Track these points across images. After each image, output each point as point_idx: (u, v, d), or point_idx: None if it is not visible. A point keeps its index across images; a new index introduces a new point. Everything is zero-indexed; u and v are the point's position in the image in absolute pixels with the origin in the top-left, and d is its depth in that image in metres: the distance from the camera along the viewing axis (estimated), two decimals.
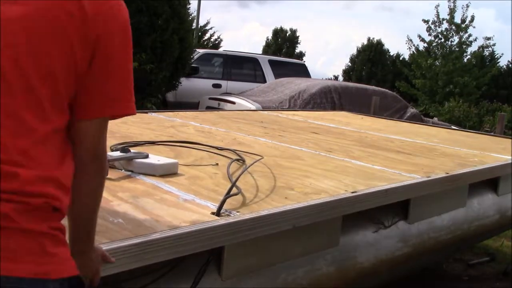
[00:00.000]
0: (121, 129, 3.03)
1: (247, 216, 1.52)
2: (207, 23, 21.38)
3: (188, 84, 8.89)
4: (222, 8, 62.30)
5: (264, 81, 9.63)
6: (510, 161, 3.08)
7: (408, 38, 21.02)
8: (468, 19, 19.63)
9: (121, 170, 1.94)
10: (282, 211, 1.61)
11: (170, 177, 1.91)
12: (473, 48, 20.28)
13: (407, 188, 2.21)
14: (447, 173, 2.49)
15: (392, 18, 62.51)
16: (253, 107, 6.61)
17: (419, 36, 20.30)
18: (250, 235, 1.51)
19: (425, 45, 20.41)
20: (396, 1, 60.26)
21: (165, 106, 8.63)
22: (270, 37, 30.77)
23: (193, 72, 8.96)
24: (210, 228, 1.39)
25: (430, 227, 2.48)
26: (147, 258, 1.26)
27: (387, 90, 8.57)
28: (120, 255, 1.20)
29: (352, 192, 1.92)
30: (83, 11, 0.92)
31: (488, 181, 3.00)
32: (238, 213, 1.54)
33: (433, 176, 2.40)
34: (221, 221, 1.45)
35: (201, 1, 17.55)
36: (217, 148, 2.55)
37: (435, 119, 12.67)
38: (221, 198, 1.59)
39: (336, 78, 28.54)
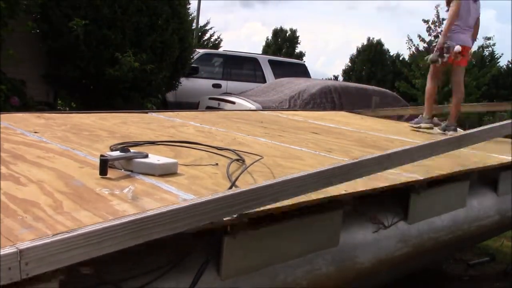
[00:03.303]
0: (121, 129, 3.03)
1: (245, 188, 1.48)
2: (207, 23, 21.41)
3: (188, 84, 8.89)
4: (225, 8, 62.28)
5: (264, 81, 9.63)
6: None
7: (408, 38, 21.05)
8: None
9: (121, 170, 1.94)
10: (281, 181, 1.56)
11: (169, 177, 1.90)
12: (473, 48, 20.30)
13: (409, 152, 2.10)
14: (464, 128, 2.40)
15: (396, 18, 62.42)
16: (253, 107, 6.61)
17: (419, 36, 20.31)
18: (248, 208, 1.47)
19: (425, 45, 20.41)
20: (401, 1, 60.08)
21: (165, 106, 8.63)
22: (270, 37, 30.78)
23: (193, 72, 8.97)
24: (206, 202, 1.35)
25: (430, 227, 2.48)
26: (144, 234, 1.23)
27: (387, 90, 8.56)
28: (118, 233, 1.18)
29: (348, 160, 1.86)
30: None
31: (488, 181, 3.00)
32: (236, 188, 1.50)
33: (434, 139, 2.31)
34: (217, 194, 1.41)
35: (202, 1, 17.56)
36: (216, 148, 2.55)
37: (435, 119, 12.64)
38: None
39: (336, 78, 28.55)
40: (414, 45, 20.86)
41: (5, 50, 5.63)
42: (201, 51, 10.03)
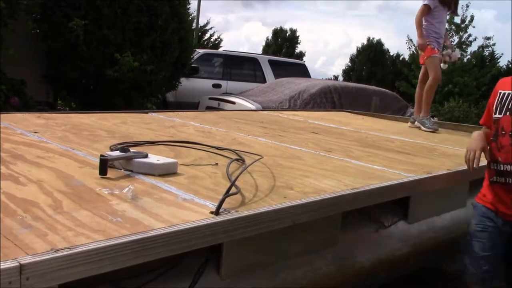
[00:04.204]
0: (121, 129, 3.03)
1: (246, 213, 1.51)
2: (207, 23, 21.41)
3: (188, 84, 8.88)
4: (225, 8, 62.28)
5: (264, 81, 9.62)
6: None
7: (408, 38, 21.06)
8: (468, 19, 19.65)
9: (121, 169, 1.94)
10: (280, 208, 1.61)
11: (169, 177, 1.90)
12: (473, 48, 20.29)
13: (407, 185, 2.21)
14: (448, 169, 2.49)
15: (396, 18, 62.34)
16: (253, 107, 6.61)
17: None
18: (249, 232, 1.50)
19: None
20: (401, 0, 59.94)
21: (165, 106, 8.63)
22: (270, 37, 30.78)
23: (193, 72, 8.96)
24: (208, 225, 1.38)
25: (430, 227, 2.48)
26: (145, 255, 1.25)
27: (387, 90, 8.55)
28: (118, 252, 1.19)
29: (352, 189, 1.92)
30: None
31: None
32: (237, 212, 1.54)
33: (433, 173, 2.40)
34: (219, 218, 1.44)
35: (202, 1, 17.55)
36: (216, 148, 2.55)
37: (435, 119, 12.64)
38: (220, 197, 1.59)
39: (336, 78, 28.53)
40: (414, 45, 20.84)
41: (5, 50, 5.63)
42: (201, 51, 10.01)
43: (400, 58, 25.74)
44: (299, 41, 31.00)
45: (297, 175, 2.14)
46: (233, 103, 7.07)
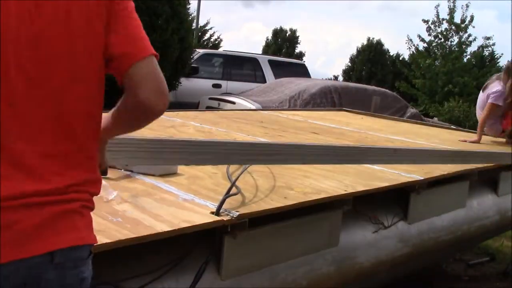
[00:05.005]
0: None
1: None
2: (207, 23, 21.37)
3: (188, 84, 8.87)
4: (225, 7, 62.24)
5: (264, 81, 9.61)
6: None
7: (408, 38, 21.04)
8: (468, 19, 19.65)
9: (121, 170, 1.94)
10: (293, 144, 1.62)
11: (169, 177, 1.90)
12: (473, 48, 20.29)
13: (415, 152, 2.18)
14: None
15: (397, 18, 62.26)
16: (253, 107, 6.60)
17: (419, 36, 20.30)
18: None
19: (425, 45, 20.41)
20: (401, 0, 59.87)
21: None
22: (270, 37, 30.76)
23: (193, 72, 8.95)
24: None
25: (430, 227, 2.48)
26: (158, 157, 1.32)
27: (387, 90, 8.55)
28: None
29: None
30: None
31: (488, 181, 3.00)
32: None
33: (439, 147, 2.39)
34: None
35: (202, 1, 17.53)
36: None
37: (435, 119, 12.66)
38: (221, 197, 1.59)
39: (336, 78, 28.51)
40: (414, 45, 20.84)
41: None
42: (201, 51, 10.01)
43: (400, 58, 25.69)
44: (299, 41, 30.97)
45: (297, 176, 2.14)
46: (233, 103, 7.07)
